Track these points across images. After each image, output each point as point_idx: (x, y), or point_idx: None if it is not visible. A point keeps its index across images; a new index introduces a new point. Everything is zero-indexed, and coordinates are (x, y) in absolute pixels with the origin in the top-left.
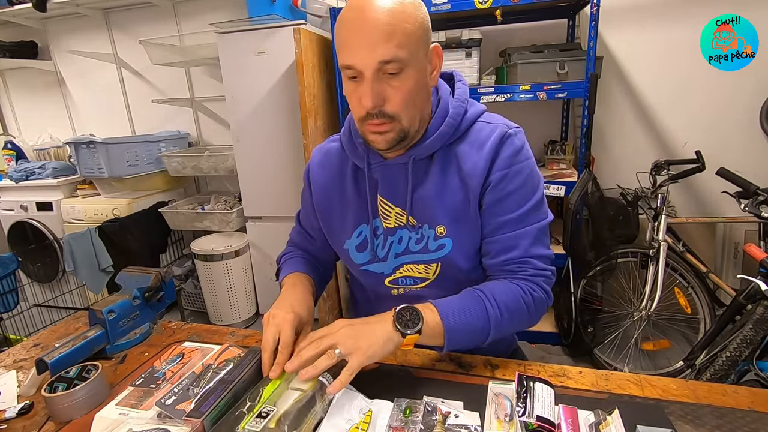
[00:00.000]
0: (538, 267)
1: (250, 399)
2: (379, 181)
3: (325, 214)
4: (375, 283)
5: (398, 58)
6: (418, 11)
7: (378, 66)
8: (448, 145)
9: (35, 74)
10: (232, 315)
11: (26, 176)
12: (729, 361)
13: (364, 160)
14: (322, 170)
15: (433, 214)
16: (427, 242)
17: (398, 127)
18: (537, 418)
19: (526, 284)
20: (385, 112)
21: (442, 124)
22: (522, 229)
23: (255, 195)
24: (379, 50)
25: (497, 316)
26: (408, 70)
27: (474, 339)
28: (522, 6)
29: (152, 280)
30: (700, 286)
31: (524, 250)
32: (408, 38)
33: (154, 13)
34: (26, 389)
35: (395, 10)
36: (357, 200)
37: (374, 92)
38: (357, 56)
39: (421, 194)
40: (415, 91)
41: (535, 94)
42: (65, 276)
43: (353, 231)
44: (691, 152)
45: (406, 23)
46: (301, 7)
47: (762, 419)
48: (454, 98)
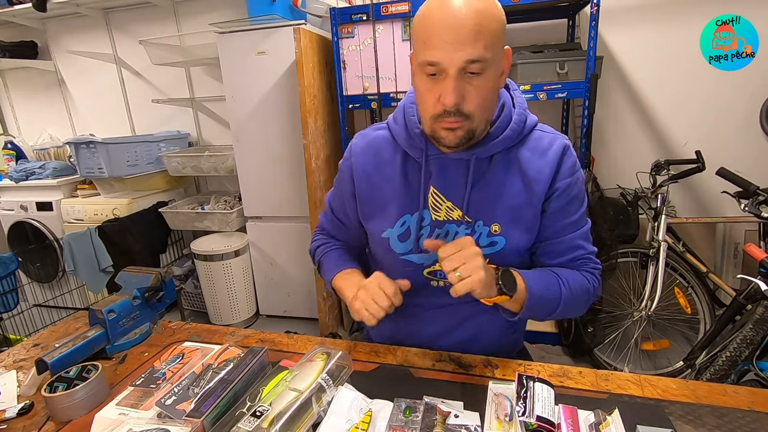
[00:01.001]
0: (596, 263)
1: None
2: (434, 174)
3: (365, 201)
4: (413, 273)
5: (484, 58)
6: (500, 12)
7: (464, 65)
8: (508, 149)
9: (35, 74)
10: (232, 315)
11: (26, 176)
12: (729, 361)
13: (423, 151)
14: (367, 157)
15: (490, 213)
16: (479, 237)
17: (469, 126)
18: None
19: (590, 275)
20: (462, 111)
21: (506, 128)
22: (580, 230)
23: (255, 195)
24: (467, 49)
25: (568, 295)
26: (490, 71)
27: (544, 312)
28: (522, 6)
29: (152, 280)
30: (700, 286)
31: (585, 248)
32: (493, 39)
33: (154, 13)
34: (26, 389)
35: (483, 10)
36: (404, 190)
37: (457, 91)
38: (443, 54)
39: (478, 192)
40: (493, 91)
41: (535, 94)
42: (65, 276)
43: (396, 220)
44: (691, 152)
45: (493, 23)
46: (301, 7)
47: (762, 419)
48: (516, 105)
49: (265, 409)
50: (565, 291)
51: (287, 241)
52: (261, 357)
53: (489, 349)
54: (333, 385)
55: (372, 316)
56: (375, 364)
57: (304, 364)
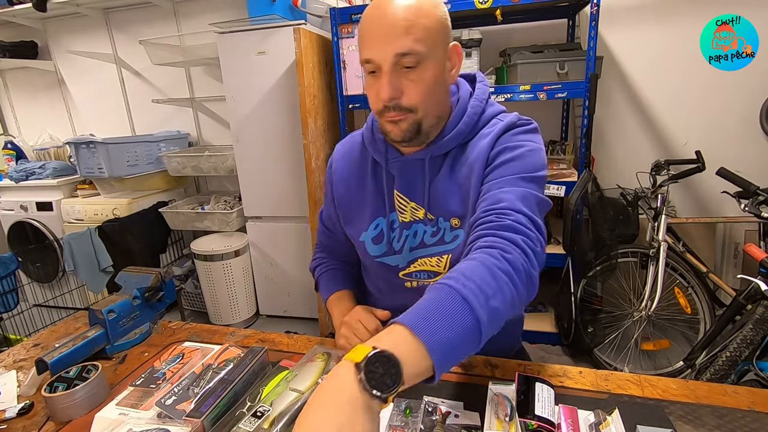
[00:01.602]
0: (519, 221)
1: (250, 399)
2: (396, 177)
3: (344, 206)
4: (389, 275)
5: (415, 51)
6: (436, 9)
7: (395, 59)
8: (464, 143)
9: (35, 74)
10: (232, 315)
11: (26, 176)
12: (729, 361)
13: (383, 155)
14: (344, 164)
15: (448, 208)
16: (443, 234)
17: (413, 118)
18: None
19: (492, 247)
20: (402, 105)
21: (459, 122)
22: (513, 187)
23: (255, 195)
24: (396, 43)
25: (481, 302)
26: (425, 64)
27: (464, 349)
28: (522, 6)
29: (152, 280)
30: (700, 286)
31: (510, 203)
32: (425, 33)
33: (154, 13)
34: (26, 389)
35: (413, 7)
36: (375, 194)
37: (391, 85)
38: (375, 50)
39: (435, 189)
40: (433, 85)
41: (535, 94)
42: (65, 276)
43: (370, 224)
44: (691, 152)
45: (423, 18)
46: (301, 7)
47: (762, 419)
48: (473, 98)
49: (265, 409)
50: (476, 301)
51: (287, 241)
52: (261, 357)
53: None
54: None
55: None
56: None
57: (305, 364)
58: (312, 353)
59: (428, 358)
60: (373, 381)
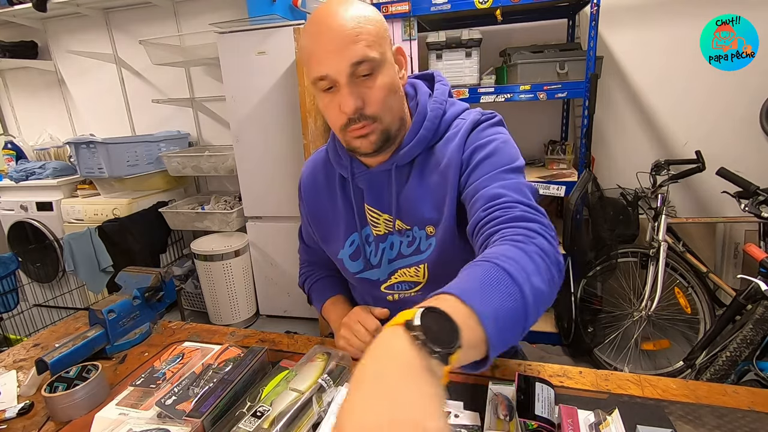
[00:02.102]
0: (527, 211)
1: (250, 399)
2: (365, 190)
3: (318, 225)
4: (372, 289)
5: (369, 58)
6: (376, 14)
7: (351, 69)
8: (429, 148)
9: (35, 74)
10: (232, 315)
11: (26, 176)
12: (729, 361)
13: (348, 170)
14: (312, 182)
15: (422, 216)
16: (419, 243)
17: (380, 128)
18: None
19: (520, 236)
20: (366, 115)
21: (421, 128)
22: (506, 181)
23: (255, 195)
24: (349, 53)
25: (525, 278)
26: (380, 69)
27: (516, 324)
28: (522, 6)
29: (152, 280)
30: (700, 286)
31: (509, 196)
32: (374, 38)
33: (154, 13)
34: (26, 389)
35: (356, 15)
36: (346, 210)
37: (353, 95)
38: (328, 64)
39: (405, 198)
40: (392, 88)
41: (535, 94)
42: (65, 276)
43: (345, 240)
44: (691, 152)
45: (369, 24)
46: (301, 7)
47: (762, 419)
48: (432, 100)
49: (265, 409)
50: (520, 276)
51: (287, 241)
52: (261, 357)
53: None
54: (333, 386)
55: (357, 350)
56: None
57: (305, 364)
58: (312, 353)
59: (481, 328)
60: (430, 335)
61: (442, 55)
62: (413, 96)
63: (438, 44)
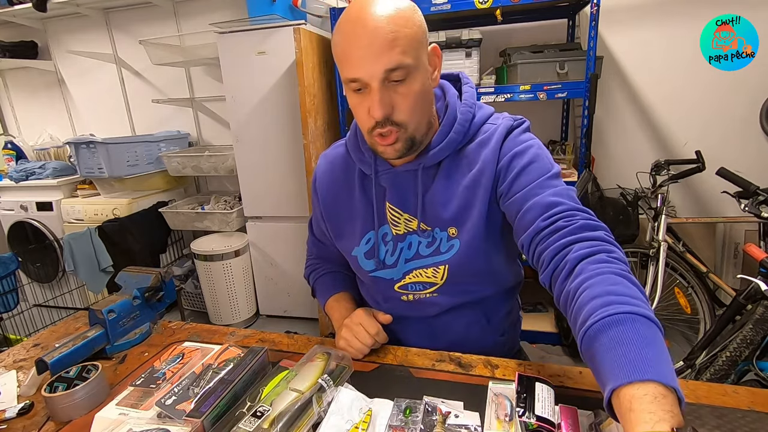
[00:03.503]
0: (587, 219)
1: (250, 399)
2: (388, 189)
3: (333, 221)
4: (385, 289)
5: (404, 65)
6: (415, 14)
7: (384, 75)
8: (458, 150)
9: (35, 74)
10: (232, 315)
11: (26, 176)
12: (729, 361)
13: (372, 167)
14: (328, 177)
15: (444, 217)
16: (439, 244)
17: (405, 136)
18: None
19: (602, 254)
20: (394, 121)
21: (450, 131)
22: (554, 188)
23: (255, 195)
24: (384, 59)
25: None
26: (414, 75)
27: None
28: (522, 6)
29: (152, 280)
30: (700, 286)
31: (564, 204)
32: (410, 43)
33: (154, 13)
34: (26, 389)
35: (394, 16)
36: (365, 207)
37: (383, 102)
38: (362, 68)
39: (430, 199)
40: (422, 95)
41: (535, 94)
42: (65, 276)
43: (361, 238)
44: (691, 152)
45: (406, 28)
46: (301, 7)
47: (762, 419)
48: (462, 103)
49: (265, 409)
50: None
51: (287, 241)
52: (261, 357)
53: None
54: (333, 386)
55: (357, 352)
56: (375, 364)
57: (305, 364)
58: (312, 353)
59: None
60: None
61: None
62: (441, 97)
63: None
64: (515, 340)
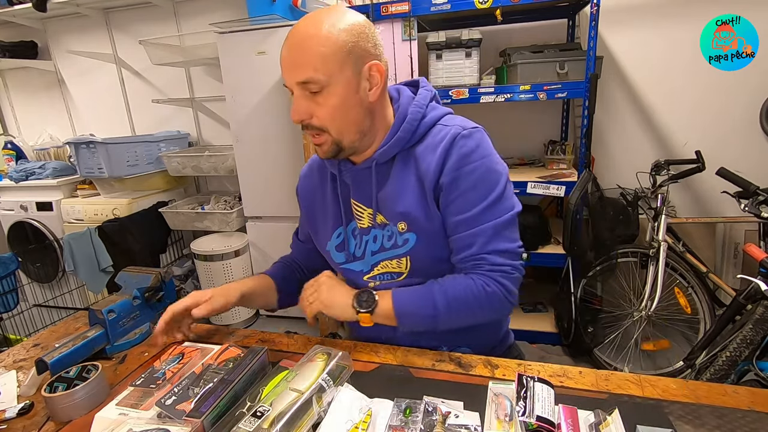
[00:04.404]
0: (494, 263)
1: (250, 399)
2: (351, 185)
3: (310, 219)
4: (355, 279)
5: (314, 80)
6: (339, 35)
7: (299, 85)
8: (408, 149)
9: (35, 74)
10: (232, 315)
11: (26, 176)
12: (729, 361)
13: (336, 166)
14: (308, 181)
15: (395, 211)
16: (395, 238)
17: (330, 140)
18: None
19: (480, 279)
20: (313, 125)
21: (399, 130)
22: (478, 227)
23: (255, 195)
24: (295, 72)
25: (445, 305)
26: (330, 89)
27: (423, 323)
28: (522, 6)
29: (152, 280)
30: (700, 286)
31: (480, 247)
32: (323, 61)
33: (154, 13)
34: (26, 389)
35: (312, 35)
36: (334, 205)
37: (298, 108)
38: (285, 76)
39: (384, 194)
40: (342, 107)
41: (535, 94)
42: (65, 276)
43: (332, 233)
44: (691, 152)
45: (323, 47)
46: (301, 7)
47: (762, 419)
48: (414, 104)
49: (265, 409)
50: (440, 300)
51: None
52: (261, 357)
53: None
54: (333, 386)
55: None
56: (375, 364)
57: (305, 364)
58: (312, 353)
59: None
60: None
61: (442, 55)
62: (397, 99)
63: (438, 44)
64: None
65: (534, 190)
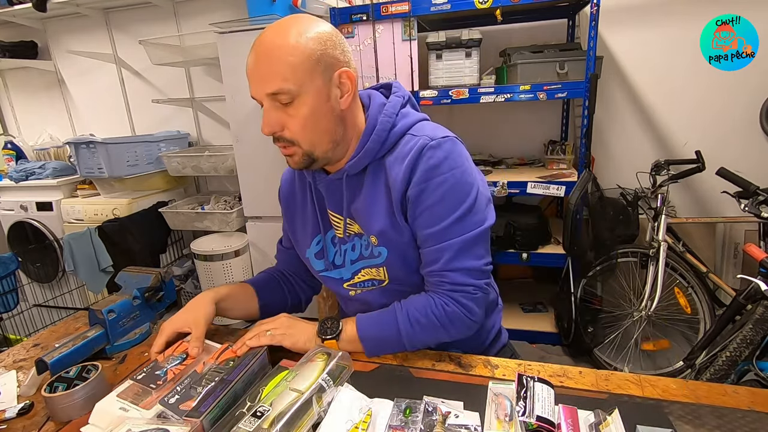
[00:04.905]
0: (456, 281)
1: (250, 399)
2: (325, 195)
3: (291, 227)
4: (335, 286)
5: (284, 90)
6: (307, 43)
7: (269, 97)
8: (379, 159)
9: (35, 74)
10: None
11: (26, 176)
12: (729, 361)
13: (311, 175)
14: (288, 187)
15: (367, 224)
16: (371, 249)
17: (300, 151)
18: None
19: (440, 298)
20: (284, 137)
21: (368, 141)
22: (445, 242)
23: (255, 195)
24: (265, 83)
25: (408, 328)
26: (301, 99)
27: (390, 347)
28: (522, 6)
29: (152, 280)
30: (700, 286)
31: (444, 263)
32: (293, 70)
33: (154, 13)
34: (26, 389)
35: (279, 45)
36: (313, 213)
37: (269, 120)
38: (253, 89)
39: (356, 206)
40: (313, 117)
41: (535, 94)
42: (65, 276)
43: (312, 240)
44: (691, 152)
45: (291, 57)
46: (301, 7)
47: (762, 419)
48: (383, 113)
49: (265, 409)
50: (403, 323)
51: None
52: (261, 357)
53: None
54: (333, 386)
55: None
56: (375, 364)
57: (305, 364)
58: (312, 353)
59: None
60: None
61: (442, 55)
62: (368, 106)
63: (438, 44)
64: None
65: (534, 190)
